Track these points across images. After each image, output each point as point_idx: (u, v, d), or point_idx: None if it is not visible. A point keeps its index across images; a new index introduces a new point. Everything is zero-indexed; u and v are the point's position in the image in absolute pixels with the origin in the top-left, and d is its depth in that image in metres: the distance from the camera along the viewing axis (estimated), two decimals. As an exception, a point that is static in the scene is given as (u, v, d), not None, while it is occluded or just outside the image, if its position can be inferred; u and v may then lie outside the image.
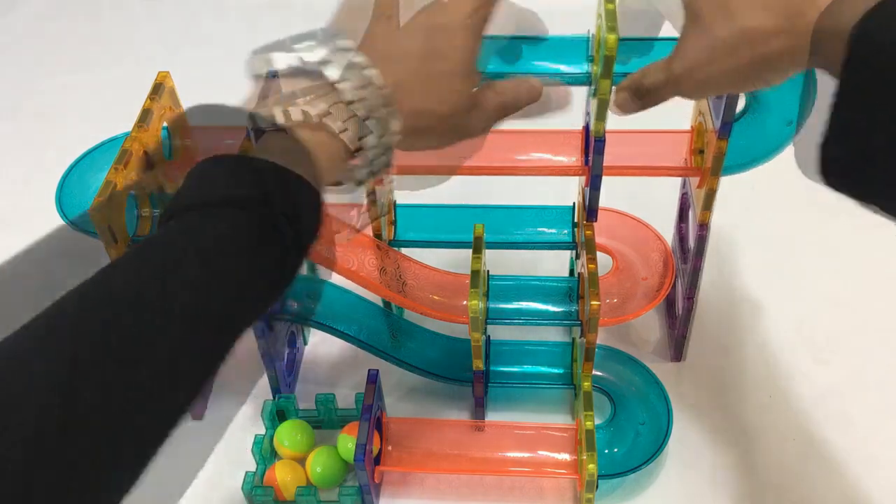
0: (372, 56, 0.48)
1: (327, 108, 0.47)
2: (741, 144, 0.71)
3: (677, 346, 0.81)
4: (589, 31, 0.65)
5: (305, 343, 0.86)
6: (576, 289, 0.74)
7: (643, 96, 0.57)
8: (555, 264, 0.88)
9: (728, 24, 0.50)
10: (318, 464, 0.73)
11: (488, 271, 0.74)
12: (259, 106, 0.48)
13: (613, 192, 0.74)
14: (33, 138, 1.12)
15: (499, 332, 0.80)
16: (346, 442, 0.72)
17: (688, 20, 0.53)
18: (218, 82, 1.14)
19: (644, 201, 0.83)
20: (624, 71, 0.60)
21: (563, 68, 0.65)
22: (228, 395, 0.82)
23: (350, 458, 0.71)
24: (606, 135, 0.65)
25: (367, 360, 0.79)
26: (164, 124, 0.71)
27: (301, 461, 0.74)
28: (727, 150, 0.66)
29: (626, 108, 0.58)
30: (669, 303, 0.85)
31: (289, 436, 0.74)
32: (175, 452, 0.77)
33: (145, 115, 0.68)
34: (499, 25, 0.55)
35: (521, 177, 0.73)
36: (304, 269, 0.84)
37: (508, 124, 0.75)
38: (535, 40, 0.65)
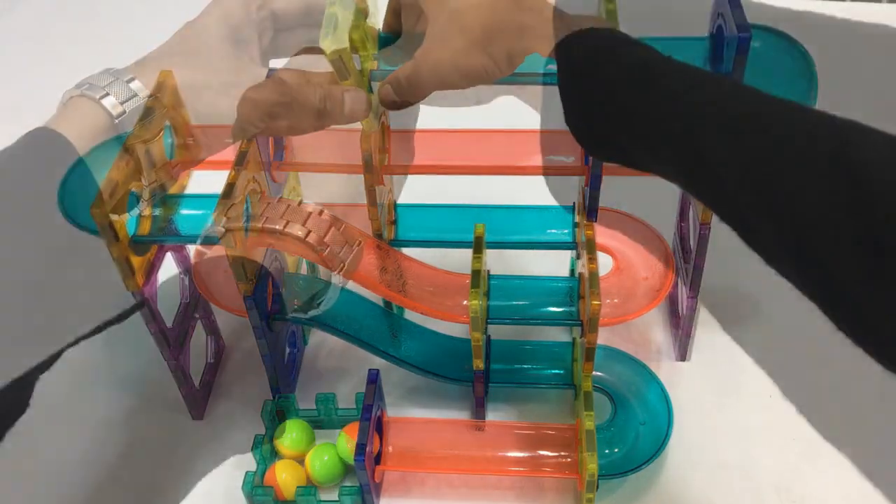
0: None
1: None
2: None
3: (681, 346, 0.81)
4: None
5: (305, 343, 0.86)
6: (576, 289, 0.74)
7: (401, 89, 0.58)
8: (555, 264, 0.88)
9: (442, 9, 0.56)
10: (317, 460, 0.73)
11: (488, 271, 0.74)
12: None
13: (613, 192, 0.74)
14: (33, 138, 1.12)
15: (499, 332, 0.80)
16: (346, 442, 0.72)
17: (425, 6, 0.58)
18: (218, 82, 1.15)
19: (644, 201, 0.83)
20: None
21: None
22: (228, 395, 0.82)
23: (350, 458, 0.71)
24: (607, 134, 0.65)
25: (367, 360, 0.79)
26: (166, 123, 0.71)
27: (301, 461, 0.74)
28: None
29: (387, 103, 0.60)
30: (672, 302, 0.85)
31: (289, 436, 0.74)
32: (175, 452, 0.78)
33: (147, 113, 0.68)
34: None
35: (521, 177, 0.73)
36: (304, 269, 0.84)
37: (507, 124, 0.76)
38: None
